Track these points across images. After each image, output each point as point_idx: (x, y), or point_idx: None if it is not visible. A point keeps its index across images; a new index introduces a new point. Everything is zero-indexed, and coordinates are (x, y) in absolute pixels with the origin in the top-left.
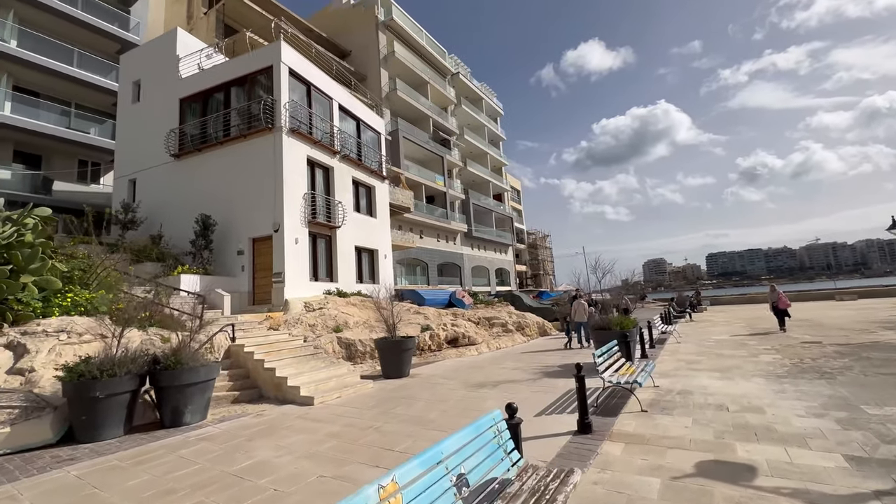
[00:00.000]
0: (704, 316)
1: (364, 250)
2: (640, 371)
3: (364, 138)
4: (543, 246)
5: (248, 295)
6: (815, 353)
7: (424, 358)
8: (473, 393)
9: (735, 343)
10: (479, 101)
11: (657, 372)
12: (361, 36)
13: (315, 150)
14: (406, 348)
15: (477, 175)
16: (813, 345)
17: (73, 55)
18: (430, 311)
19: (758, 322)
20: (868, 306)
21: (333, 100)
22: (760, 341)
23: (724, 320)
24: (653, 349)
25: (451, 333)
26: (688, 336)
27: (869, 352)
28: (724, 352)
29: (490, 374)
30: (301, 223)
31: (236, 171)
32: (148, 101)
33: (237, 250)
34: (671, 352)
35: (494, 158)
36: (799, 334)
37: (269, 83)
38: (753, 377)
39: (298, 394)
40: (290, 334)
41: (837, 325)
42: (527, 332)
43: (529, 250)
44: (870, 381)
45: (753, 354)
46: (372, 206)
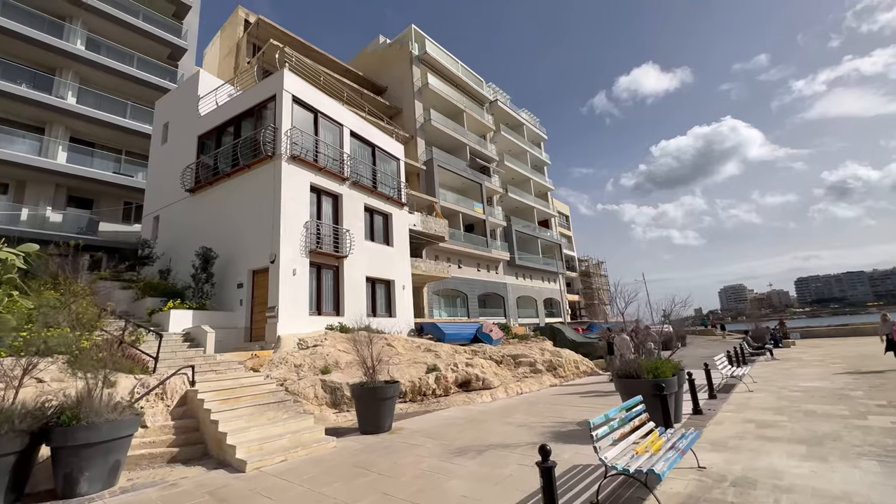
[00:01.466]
0: (792, 352)
1: (378, 281)
2: (668, 448)
3: (380, 165)
4: (598, 274)
5: (244, 331)
6: None
7: (425, 405)
8: (446, 464)
9: (833, 394)
10: (520, 126)
11: (709, 441)
12: (397, 72)
13: (320, 176)
14: (385, 397)
15: (519, 201)
16: None
17: (127, 108)
18: (444, 349)
19: (866, 361)
20: None
21: (344, 126)
22: (871, 392)
23: (817, 359)
24: (713, 400)
25: (463, 375)
26: (766, 381)
27: None
28: (815, 408)
29: (486, 432)
30: (301, 253)
31: (240, 202)
32: (174, 141)
33: (237, 283)
34: (737, 406)
35: (538, 184)
36: None
37: (275, 113)
38: (862, 458)
39: (234, 455)
40: (266, 377)
41: None
42: (560, 373)
43: (582, 278)
44: None
45: (860, 414)
46: (388, 234)
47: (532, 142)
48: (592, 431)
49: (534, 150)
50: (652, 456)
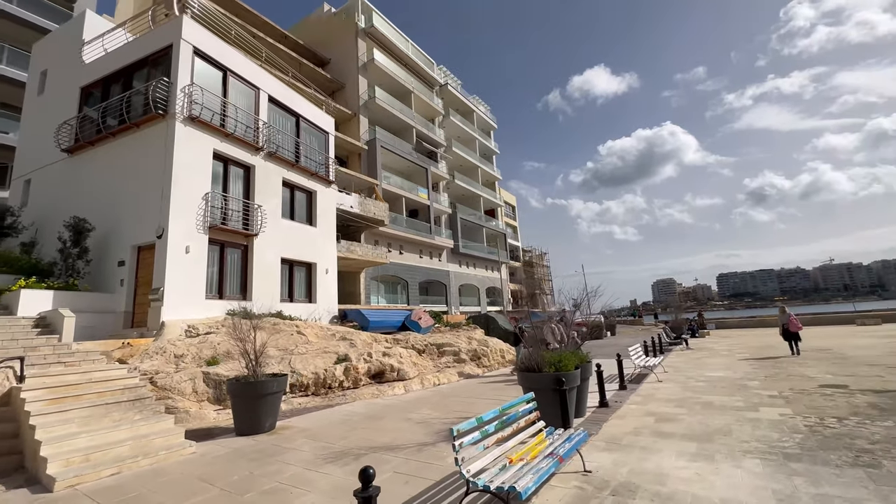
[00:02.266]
0: (706, 342)
1: (297, 264)
2: (545, 455)
3: (305, 137)
4: (541, 264)
5: (124, 316)
6: (842, 408)
7: (329, 399)
8: (311, 473)
9: (733, 384)
10: (470, 113)
11: (606, 438)
12: (342, 45)
13: (228, 144)
14: (266, 392)
15: (466, 189)
16: (836, 391)
17: (3, 51)
18: (362, 337)
19: (767, 350)
20: (894, 333)
21: (261, 90)
22: (767, 382)
23: (726, 348)
24: (622, 391)
25: (377, 366)
26: (676, 371)
27: None
28: (714, 398)
29: (379, 430)
30: (198, 228)
31: (127, 167)
32: (52, 92)
33: (118, 261)
34: (644, 398)
35: (486, 172)
36: (817, 372)
37: (171, 65)
38: (747, 456)
39: (45, 469)
40: (134, 370)
41: (865, 360)
42: (484, 363)
43: (525, 268)
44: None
45: (754, 406)
46: (312, 213)
47: (482, 130)
48: (455, 441)
49: (483, 138)
50: (524, 466)
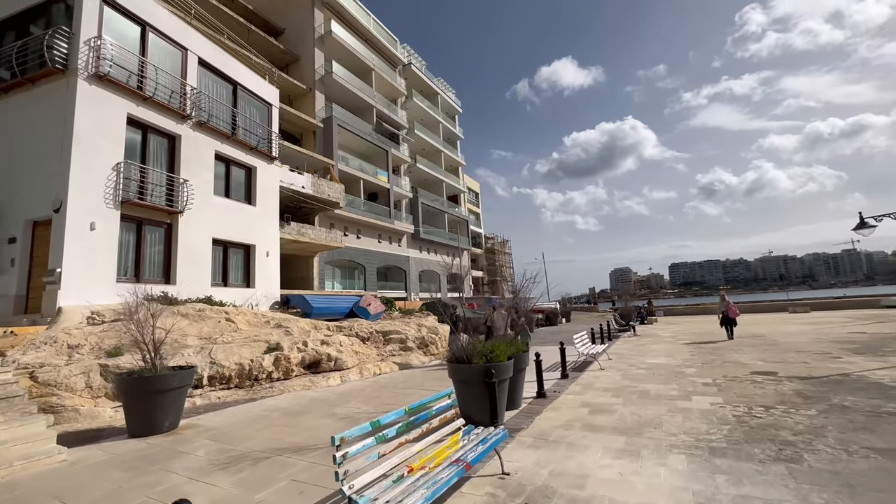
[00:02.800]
0: (652, 328)
1: (233, 245)
2: (450, 462)
3: (245, 108)
4: (502, 251)
5: (15, 301)
6: (770, 396)
7: (253, 392)
8: (195, 483)
9: (671, 372)
10: (435, 96)
11: (534, 433)
12: (297, 13)
13: (146, 108)
14: (164, 388)
15: (428, 173)
16: (766, 378)
17: None
18: (300, 324)
19: (708, 336)
20: (822, 320)
21: (189, 51)
22: (703, 369)
23: (671, 335)
24: (564, 380)
25: (312, 355)
26: (620, 358)
27: (842, 394)
28: (651, 387)
29: (295, 428)
30: (108, 203)
31: (19, 129)
32: None
33: (9, 238)
34: (583, 387)
35: (450, 157)
36: (750, 358)
37: (74, 13)
38: (674, 451)
39: None
40: (13, 362)
41: (794, 346)
42: (431, 351)
43: (487, 255)
44: (857, 467)
45: (687, 394)
46: (251, 191)
47: (446, 113)
48: (337, 452)
49: (448, 122)
50: (422, 477)
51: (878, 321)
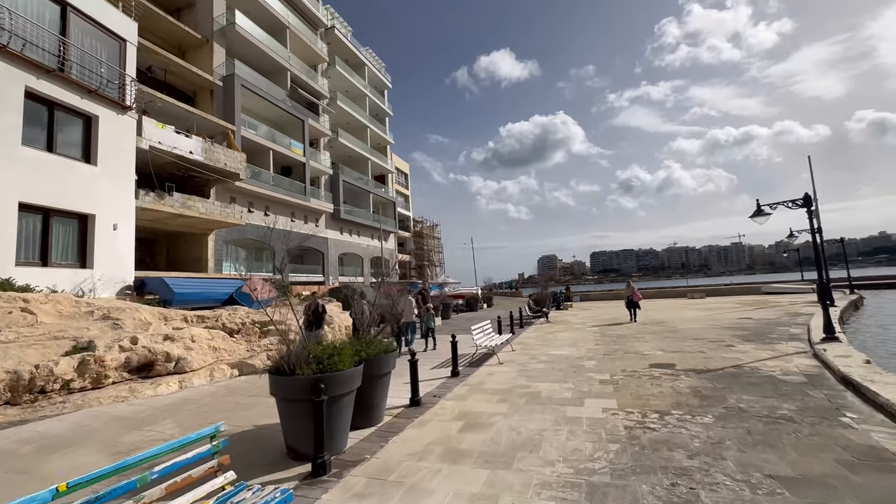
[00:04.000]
0: (566, 314)
1: (58, 214)
2: None
3: (81, 39)
4: (432, 235)
5: None
6: (666, 396)
7: (34, 410)
8: None
9: (571, 365)
10: (361, 67)
11: (375, 469)
12: None
13: None
14: None
15: (353, 150)
16: (664, 373)
17: None
18: (139, 315)
19: (616, 320)
20: (715, 306)
21: None
22: (604, 361)
23: (582, 321)
24: (453, 379)
25: (143, 355)
26: (524, 349)
27: (737, 391)
28: (544, 387)
29: (29, 472)
30: None
31: None
32: None
33: None
34: (469, 389)
35: (377, 135)
36: (651, 348)
37: None
38: (542, 494)
39: None
40: None
41: (691, 333)
42: None
43: (415, 239)
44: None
45: (581, 396)
46: (91, 146)
47: (374, 87)
48: None
49: (375, 96)
50: None
51: (760, 307)
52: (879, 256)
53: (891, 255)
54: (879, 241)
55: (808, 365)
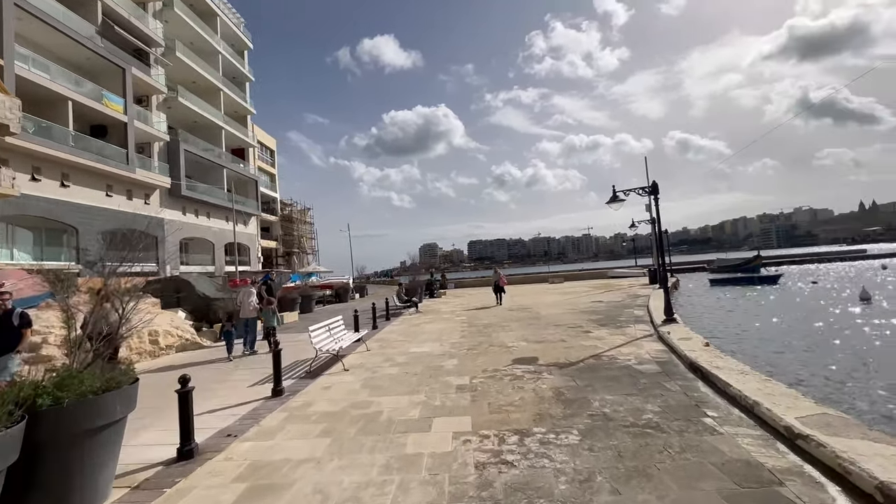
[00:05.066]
0: (438, 302)
1: None
2: None
3: None
4: (303, 220)
5: None
6: (528, 406)
7: None
8: None
9: (429, 367)
10: (212, 17)
11: None
12: None
13: None
14: None
15: (201, 115)
16: (527, 369)
17: None
18: None
19: (484, 306)
20: (572, 290)
21: None
22: (466, 359)
23: (453, 309)
24: (273, 399)
25: None
26: (382, 347)
27: (600, 390)
28: (389, 403)
29: None
30: None
31: None
32: None
33: None
34: (287, 417)
35: (235, 101)
36: (515, 338)
37: None
38: None
39: None
40: None
41: (553, 319)
42: None
43: (284, 224)
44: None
45: (429, 415)
46: None
47: (230, 45)
48: None
49: (232, 56)
50: None
51: (608, 290)
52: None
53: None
54: (682, 235)
55: (658, 350)
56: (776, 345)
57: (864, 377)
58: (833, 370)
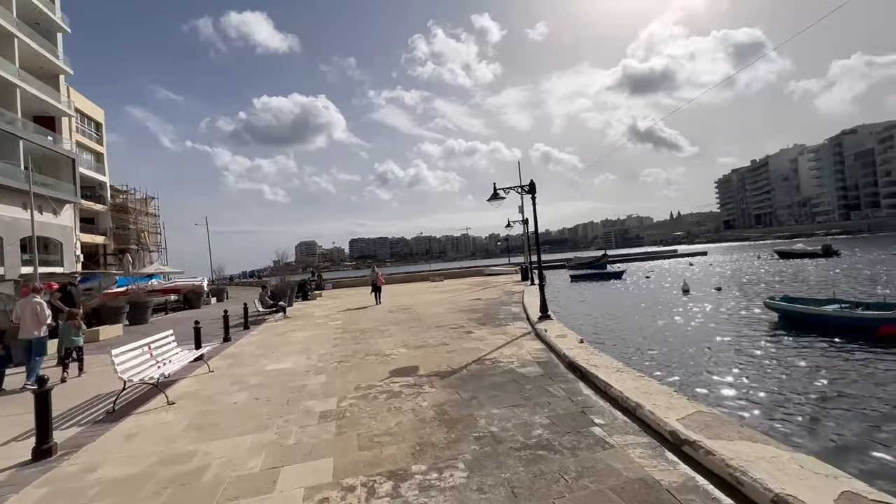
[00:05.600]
0: (312, 305)
1: None
2: None
3: None
4: (144, 211)
5: None
6: (406, 433)
7: None
8: None
9: (288, 388)
10: None
11: None
12: None
13: None
14: None
15: None
16: (406, 383)
17: None
18: None
19: (362, 305)
20: (452, 288)
21: None
22: (336, 373)
23: (327, 313)
24: (35, 465)
25: None
26: (232, 365)
27: (486, 403)
28: (219, 452)
29: None
30: None
31: None
32: None
33: None
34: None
35: (39, 54)
36: (394, 344)
37: None
38: None
39: None
40: None
41: (435, 320)
42: None
43: (116, 214)
44: None
45: (275, 464)
46: None
47: None
48: None
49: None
50: None
51: (485, 287)
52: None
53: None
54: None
55: (537, 350)
56: (634, 335)
57: (705, 362)
58: (683, 356)
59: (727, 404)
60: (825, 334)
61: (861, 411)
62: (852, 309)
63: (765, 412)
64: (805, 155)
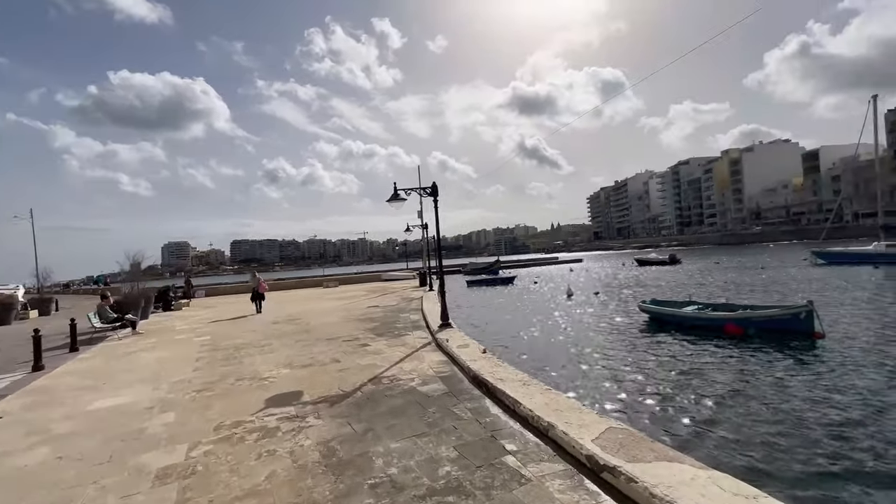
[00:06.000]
0: (175, 316)
1: None
2: None
3: None
4: None
5: None
6: (281, 466)
7: None
8: None
9: (115, 435)
10: None
11: None
12: None
13: None
14: None
15: None
16: (285, 415)
17: None
18: None
19: (241, 314)
20: (348, 294)
21: None
22: (190, 408)
23: (193, 325)
24: None
25: None
26: (39, 405)
27: (384, 436)
28: None
29: None
30: None
31: None
32: None
33: None
34: None
35: None
36: (274, 363)
37: None
38: None
39: None
40: None
41: (326, 332)
42: None
43: None
44: None
45: None
46: None
47: None
48: None
49: None
50: None
51: (383, 293)
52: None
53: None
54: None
55: (439, 363)
56: (532, 341)
57: (594, 365)
58: (570, 358)
59: (628, 411)
60: (686, 333)
61: (725, 404)
62: (704, 310)
63: (656, 415)
64: (654, 179)
